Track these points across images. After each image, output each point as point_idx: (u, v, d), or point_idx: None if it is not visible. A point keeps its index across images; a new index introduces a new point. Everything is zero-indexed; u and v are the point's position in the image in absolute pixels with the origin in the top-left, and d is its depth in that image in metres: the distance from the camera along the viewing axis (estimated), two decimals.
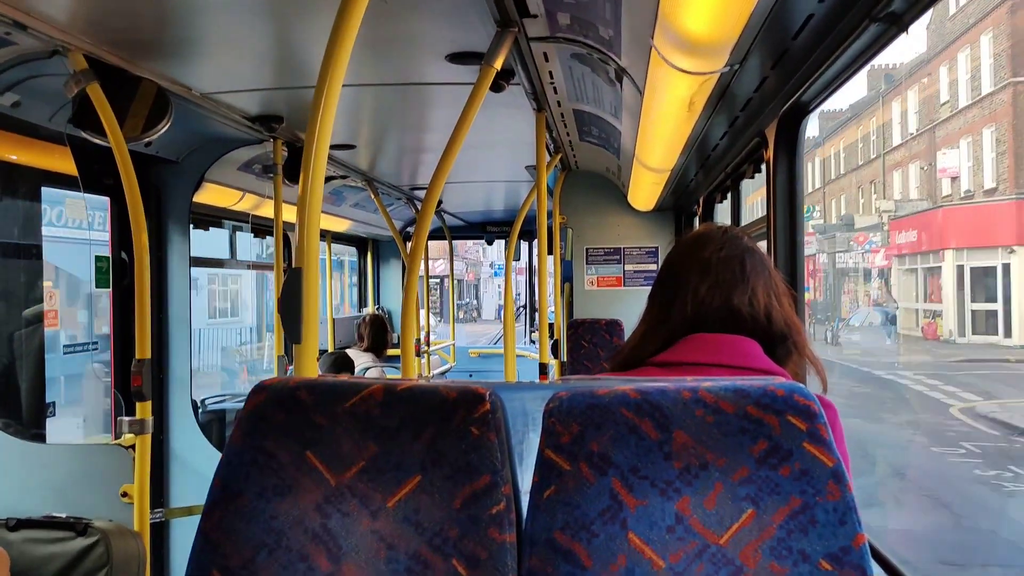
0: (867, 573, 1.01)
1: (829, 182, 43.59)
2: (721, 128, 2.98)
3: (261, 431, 1.12)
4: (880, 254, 33.83)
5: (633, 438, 1.06)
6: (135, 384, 2.59)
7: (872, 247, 34.29)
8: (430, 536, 1.07)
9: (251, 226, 4.82)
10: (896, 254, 32.27)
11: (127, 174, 2.55)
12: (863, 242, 34.63)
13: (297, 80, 2.94)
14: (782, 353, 1.49)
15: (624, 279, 5.94)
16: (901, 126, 34.52)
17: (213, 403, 5.08)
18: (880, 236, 33.76)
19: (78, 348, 5.13)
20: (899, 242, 31.94)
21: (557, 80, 2.99)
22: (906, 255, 31.46)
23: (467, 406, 1.09)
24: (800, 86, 2.07)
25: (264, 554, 1.09)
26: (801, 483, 1.03)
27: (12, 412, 3.23)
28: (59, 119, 2.92)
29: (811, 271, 38.07)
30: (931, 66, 31.13)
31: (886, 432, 13.92)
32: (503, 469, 1.08)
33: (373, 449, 1.10)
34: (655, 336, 1.51)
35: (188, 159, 3.75)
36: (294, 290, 1.44)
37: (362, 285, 8.25)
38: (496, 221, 8.03)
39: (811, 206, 41.57)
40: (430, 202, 2.26)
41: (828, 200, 43.76)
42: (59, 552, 2.56)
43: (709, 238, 1.55)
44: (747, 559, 1.02)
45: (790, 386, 1.07)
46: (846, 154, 41.20)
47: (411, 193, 6.00)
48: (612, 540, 1.04)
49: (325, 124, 1.48)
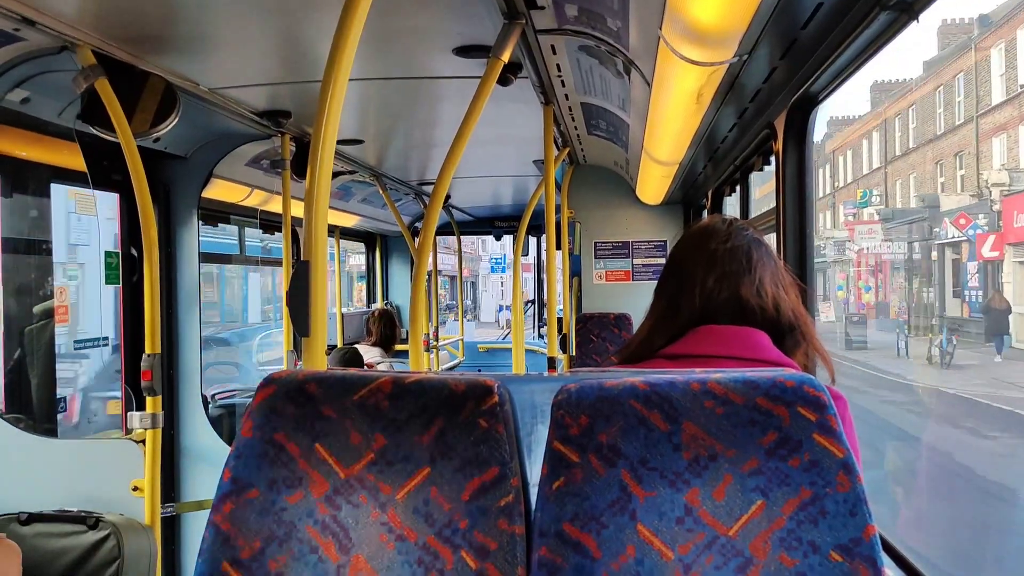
0: (877, 564, 1.01)
1: (894, 159, 34.97)
2: (730, 120, 2.96)
3: (271, 424, 1.12)
4: (989, 242, 24.36)
5: (642, 430, 1.05)
6: (145, 379, 2.60)
7: (976, 232, 24.90)
8: (439, 527, 1.07)
9: (260, 222, 4.82)
10: (1013, 242, 23.68)
11: (136, 170, 2.56)
12: (965, 226, 25.16)
13: (304, 75, 2.94)
14: (790, 344, 1.48)
15: (632, 273, 5.93)
16: (1005, 79, 25.75)
17: (223, 398, 5.10)
18: (986, 218, 24.90)
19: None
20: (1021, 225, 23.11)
21: (565, 73, 2.98)
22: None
23: (476, 398, 1.09)
24: (809, 76, 2.05)
25: (275, 546, 1.09)
26: (811, 474, 1.03)
27: (24, 407, 3.26)
28: (68, 115, 2.93)
29: (873, 266, 34.51)
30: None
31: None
32: (512, 461, 1.08)
33: (382, 441, 1.10)
34: (663, 329, 1.51)
35: (196, 155, 3.76)
36: (302, 283, 1.44)
37: (370, 281, 8.26)
38: (504, 216, 8.03)
39: (867, 190, 35.43)
40: (438, 197, 2.26)
41: (892, 181, 35.24)
42: (71, 546, 2.58)
43: (714, 230, 1.55)
44: (757, 550, 1.02)
45: (800, 377, 1.07)
46: (919, 121, 32.30)
47: (419, 188, 6.00)
48: (621, 531, 1.04)
49: (332, 118, 1.48)
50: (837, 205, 40.56)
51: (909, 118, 33.56)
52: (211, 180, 3.84)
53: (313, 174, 1.47)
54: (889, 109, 35.44)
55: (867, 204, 34.87)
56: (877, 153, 37.17)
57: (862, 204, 35.34)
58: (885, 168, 35.88)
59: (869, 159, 38.54)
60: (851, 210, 36.89)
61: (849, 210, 37.23)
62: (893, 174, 35.20)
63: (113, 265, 3.69)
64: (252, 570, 1.09)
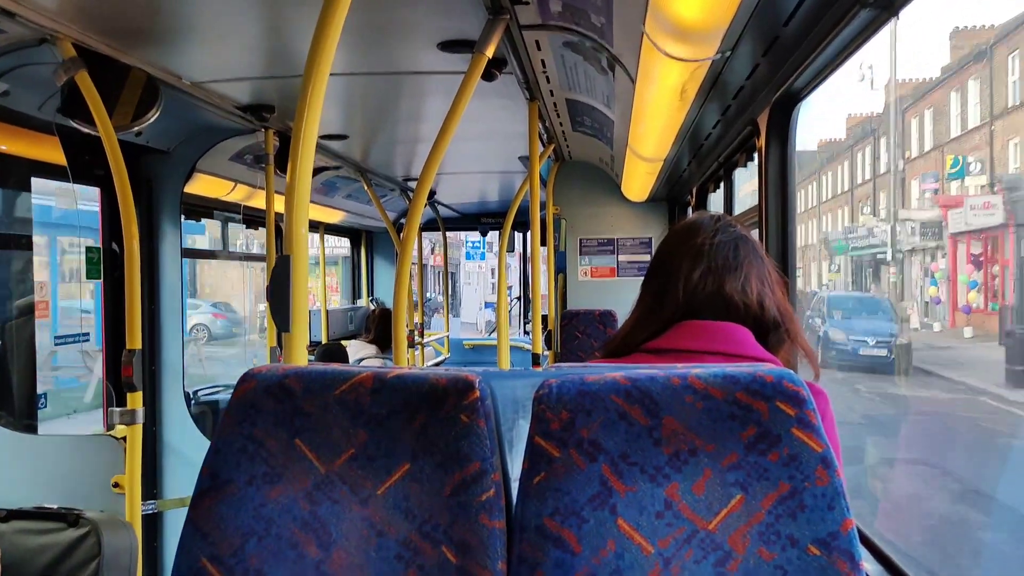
0: (855, 558, 1.01)
1: (1006, 112, 24.78)
2: (713, 117, 2.97)
3: (250, 419, 1.12)
4: None
5: (623, 424, 1.06)
6: (125, 374, 2.58)
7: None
8: (420, 523, 1.07)
9: (243, 217, 4.79)
10: None
11: (116, 164, 2.53)
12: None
13: (287, 69, 2.92)
14: (774, 341, 1.49)
15: (618, 270, 5.94)
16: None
17: (206, 394, 5.07)
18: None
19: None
20: None
21: (549, 69, 2.98)
22: None
23: (457, 393, 1.09)
24: (791, 73, 2.06)
25: (253, 542, 1.08)
26: (790, 468, 1.03)
27: (3, 403, 3.22)
28: (48, 109, 2.90)
29: (985, 256, 23.81)
30: None
31: None
32: (493, 456, 1.08)
33: (363, 436, 1.09)
34: (647, 323, 1.51)
35: (179, 149, 3.73)
36: (282, 278, 1.43)
37: (355, 277, 8.23)
38: (491, 212, 8.02)
39: (958, 157, 26.84)
40: (421, 192, 2.26)
41: (1003, 140, 24.92)
42: (50, 543, 2.56)
43: (701, 225, 1.55)
44: (736, 544, 1.02)
45: (779, 372, 1.07)
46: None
47: (404, 184, 5.98)
48: (602, 525, 1.04)
49: (313, 112, 1.47)
50: (908, 180, 31.47)
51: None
52: (194, 175, 3.81)
53: (294, 168, 1.47)
54: (1000, 49, 24.90)
55: (961, 175, 26.91)
56: (976, 108, 26.97)
57: (954, 175, 27.24)
58: (991, 125, 25.62)
59: (962, 117, 28.05)
60: (932, 184, 29.28)
61: (929, 184, 29.44)
62: (1006, 131, 24.87)
63: (94, 260, 3.66)
64: (231, 566, 1.08)
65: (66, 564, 2.53)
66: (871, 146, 36.23)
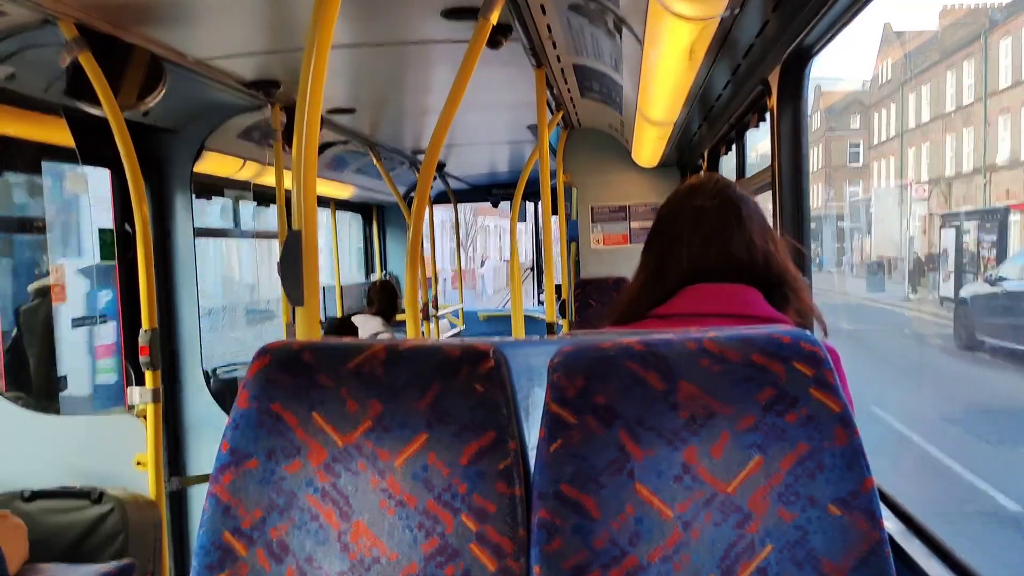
0: (876, 516, 1.01)
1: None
2: (723, 77, 2.93)
3: (267, 394, 1.12)
4: None
5: (639, 389, 1.05)
6: (143, 354, 2.60)
7: None
8: (439, 492, 1.07)
9: (253, 194, 4.80)
10: None
11: (125, 144, 2.53)
12: None
13: (292, 43, 2.90)
14: (780, 299, 1.48)
15: (630, 237, 5.91)
16: None
17: (225, 372, 5.12)
18: None
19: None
20: None
21: (556, 34, 2.93)
22: None
23: (471, 363, 1.09)
24: (802, 29, 2.02)
25: (275, 515, 1.09)
26: (808, 429, 1.03)
27: (23, 385, 3.26)
28: (55, 91, 2.89)
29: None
30: None
31: None
32: (509, 425, 1.08)
33: (379, 408, 1.10)
34: (653, 289, 1.50)
35: (187, 128, 3.72)
36: (293, 253, 1.43)
37: (368, 252, 8.24)
38: (501, 183, 7.98)
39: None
40: (430, 164, 2.24)
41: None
42: (75, 521, 2.60)
43: (701, 188, 1.53)
44: (755, 506, 1.02)
45: (796, 333, 1.07)
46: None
47: (414, 157, 5.96)
48: (620, 490, 1.04)
49: (317, 82, 1.46)
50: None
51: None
52: (203, 153, 3.81)
53: (300, 142, 1.46)
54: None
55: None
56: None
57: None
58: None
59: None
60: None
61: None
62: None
63: (108, 242, 3.68)
64: (253, 539, 1.09)
65: (91, 540, 2.58)
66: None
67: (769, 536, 1.02)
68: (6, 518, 2.35)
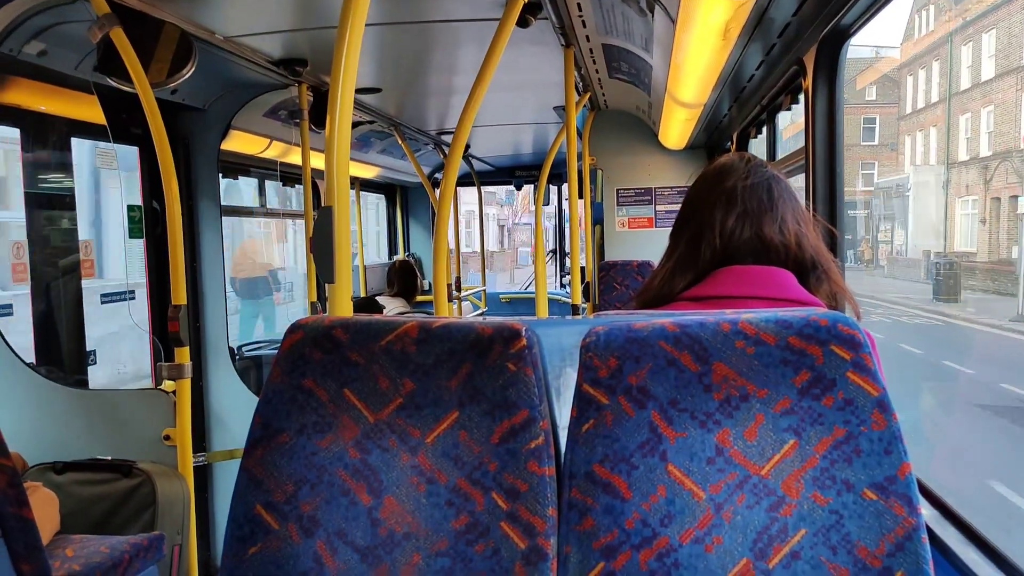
0: (913, 502, 1.00)
1: None
2: (756, 57, 2.88)
3: (299, 369, 1.12)
4: None
5: (672, 371, 1.04)
6: (172, 329, 2.62)
7: None
8: (470, 470, 1.07)
9: (279, 174, 4.81)
10: None
11: (155, 121, 2.54)
12: None
13: (320, 20, 2.89)
14: (814, 282, 1.45)
15: (655, 220, 5.87)
16: None
17: (250, 350, 5.16)
18: None
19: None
20: None
21: (586, 12, 2.90)
22: None
23: (503, 342, 1.08)
24: (840, 8, 1.98)
25: (306, 489, 1.10)
26: (845, 413, 1.01)
27: (54, 359, 3.31)
28: (85, 67, 2.91)
29: None
30: None
31: None
32: (541, 404, 1.07)
33: (410, 386, 1.10)
34: (684, 271, 1.48)
35: (214, 106, 3.73)
36: (325, 229, 1.43)
37: (392, 232, 8.25)
38: (525, 165, 7.94)
39: None
40: (458, 145, 2.23)
41: None
42: (106, 493, 2.64)
43: (732, 168, 1.50)
44: (789, 489, 1.01)
45: (833, 316, 1.05)
46: None
47: (438, 138, 5.94)
48: (652, 472, 1.03)
49: (351, 60, 1.45)
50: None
51: None
52: (229, 132, 3.82)
53: (333, 119, 1.45)
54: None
55: None
56: None
57: None
58: None
59: None
60: None
61: None
62: None
63: (136, 219, 3.70)
64: (285, 513, 1.10)
65: (123, 512, 2.62)
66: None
67: (803, 520, 1.01)
68: (38, 489, 2.39)
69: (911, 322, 18.98)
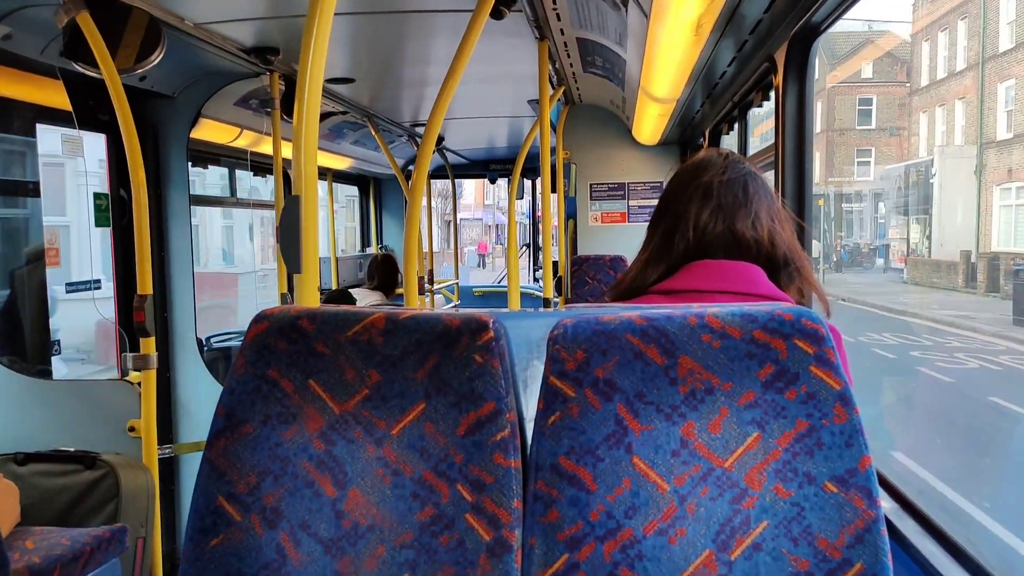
0: (873, 494, 1.01)
1: None
2: (729, 53, 2.90)
3: (264, 360, 1.11)
4: None
5: (639, 364, 1.05)
6: (138, 320, 2.59)
7: None
8: (435, 462, 1.07)
9: (250, 163, 4.76)
10: None
11: (122, 108, 2.50)
12: None
13: (291, 8, 2.86)
14: (785, 278, 1.47)
15: (628, 215, 5.90)
16: None
17: (218, 341, 5.10)
18: None
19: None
20: None
21: (560, 5, 2.90)
22: None
23: (471, 334, 1.08)
24: (811, 5, 1.99)
25: (269, 481, 1.09)
26: (808, 406, 1.02)
27: (17, 349, 3.25)
28: (51, 52, 2.85)
29: None
30: None
31: None
32: (507, 396, 1.07)
33: (376, 377, 1.09)
34: (657, 264, 1.49)
35: (184, 94, 3.68)
36: (292, 219, 1.41)
37: (364, 224, 8.21)
38: (499, 159, 7.94)
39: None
40: (430, 137, 2.22)
41: None
42: (68, 484, 2.60)
43: (710, 163, 1.52)
44: (752, 482, 1.02)
45: (798, 310, 1.06)
46: None
47: (412, 130, 5.91)
48: (617, 464, 1.04)
49: (319, 48, 1.43)
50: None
51: None
52: (200, 120, 3.77)
53: (301, 106, 1.43)
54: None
55: None
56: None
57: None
58: None
59: None
60: None
61: None
62: None
63: (103, 207, 3.64)
64: (248, 504, 1.09)
65: (85, 504, 2.58)
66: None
67: (765, 512, 1.02)
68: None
69: (1012, 363, 11.82)
